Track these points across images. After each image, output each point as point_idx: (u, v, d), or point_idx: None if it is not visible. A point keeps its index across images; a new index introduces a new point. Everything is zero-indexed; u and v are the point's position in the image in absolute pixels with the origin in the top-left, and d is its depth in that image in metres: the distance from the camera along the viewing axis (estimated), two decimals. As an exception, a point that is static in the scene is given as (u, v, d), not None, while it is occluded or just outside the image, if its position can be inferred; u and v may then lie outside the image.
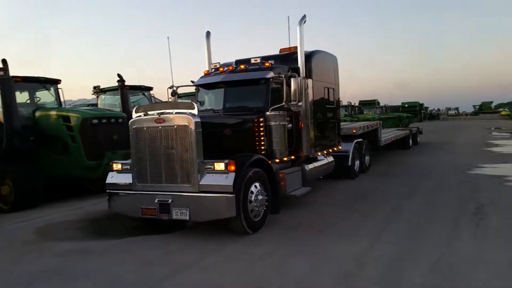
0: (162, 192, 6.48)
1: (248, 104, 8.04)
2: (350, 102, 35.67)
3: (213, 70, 8.71)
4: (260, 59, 8.17)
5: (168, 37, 8.47)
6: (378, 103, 46.45)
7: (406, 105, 55.53)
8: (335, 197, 9.43)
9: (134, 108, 6.90)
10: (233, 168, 6.16)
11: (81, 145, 10.58)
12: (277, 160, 7.94)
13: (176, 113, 6.43)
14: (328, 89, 9.91)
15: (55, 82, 12.38)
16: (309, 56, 8.98)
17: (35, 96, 12.28)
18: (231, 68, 8.46)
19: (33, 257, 5.94)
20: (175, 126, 6.35)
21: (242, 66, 8.36)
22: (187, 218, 6.27)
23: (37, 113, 11.42)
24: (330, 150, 10.08)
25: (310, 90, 8.80)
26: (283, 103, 7.81)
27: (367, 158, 13.31)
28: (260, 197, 6.67)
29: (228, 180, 6.10)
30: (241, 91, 8.28)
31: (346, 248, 5.73)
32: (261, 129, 7.61)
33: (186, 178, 6.32)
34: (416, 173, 12.51)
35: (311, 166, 9.20)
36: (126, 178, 6.87)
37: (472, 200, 8.43)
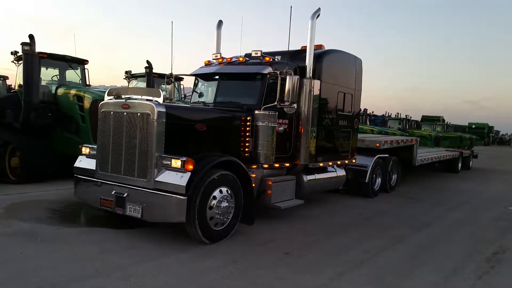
0: (119, 184, 5.98)
1: (240, 100, 7.29)
2: (406, 116, 33.50)
3: (214, 60, 8.08)
4: (261, 53, 7.38)
5: (172, 22, 7.95)
6: (443, 120, 43.21)
7: (473, 126, 51.09)
8: (334, 215, 8.38)
9: (107, 91, 6.47)
10: (190, 167, 5.48)
11: (89, 126, 10.49)
12: (266, 166, 7.14)
13: (141, 99, 5.88)
14: (344, 94, 8.85)
15: (82, 62, 12.49)
16: (320, 56, 8.03)
17: (64, 75, 12.50)
18: (229, 59, 7.77)
19: (-24, 233, 5.72)
20: (138, 114, 5.81)
21: (240, 59, 7.63)
22: (139, 216, 5.71)
23: (59, 91, 11.53)
24: (339, 162, 9.02)
25: (316, 92, 7.84)
26: (275, 103, 6.97)
27: (394, 176, 11.94)
28: (224, 204, 5.92)
29: (182, 180, 5.43)
30: (235, 85, 7.57)
31: (299, 280, 4.82)
32: (247, 129, 6.84)
33: (142, 172, 5.76)
34: (449, 201, 10.96)
35: (311, 177, 8.25)
36: (92, 164, 6.47)
37: (494, 242, 6.99)
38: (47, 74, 12.05)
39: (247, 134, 6.85)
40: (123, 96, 6.07)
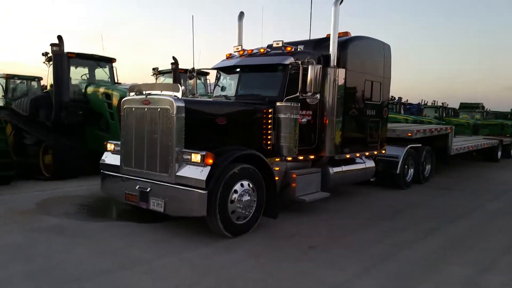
0: (143, 178, 6.03)
1: (262, 92, 7.17)
2: (443, 103, 32.20)
3: (235, 53, 7.98)
4: (283, 43, 7.22)
5: (192, 16, 7.94)
6: (483, 107, 41.26)
7: (517, 112, 48.38)
8: (363, 208, 8.13)
9: (129, 87, 6.53)
10: (210, 161, 5.43)
11: (118, 123, 10.68)
12: (289, 158, 7.01)
13: (160, 94, 5.88)
14: (372, 82, 8.52)
15: (109, 60, 12.72)
16: (345, 43, 7.77)
17: (93, 74, 12.80)
18: (250, 51, 7.64)
19: (9, 229, 5.92)
20: (159, 109, 5.81)
21: (262, 50, 7.50)
22: (162, 210, 5.74)
23: (88, 89, 11.81)
24: (367, 153, 8.73)
25: (341, 82, 7.60)
26: (297, 94, 6.80)
27: (427, 167, 11.48)
28: (246, 197, 5.84)
29: (202, 174, 5.40)
30: (256, 77, 7.45)
31: (323, 274, 4.68)
32: (269, 121, 6.72)
33: (164, 167, 5.77)
34: (487, 191, 10.43)
35: (337, 169, 8.03)
36: (116, 160, 6.56)
37: (535, 235, 6.57)
38: (77, 73, 12.38)
39: (269, 126, 6.73)
40: (144, 92, 6.11)
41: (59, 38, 10.79)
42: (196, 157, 5.49)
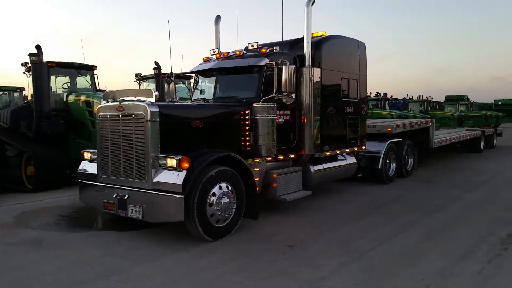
0: (120, 186, 6.01)
1: (239, 94, 7.20)
2: (428, 97, 32.53)
3: (212, 56, 8.00)
4: (257, 45, 7.25)
5: (168, 21, 7.94)
6: (468, 99, 41.82)
7: (500, 103, 49.06)
8: (345, 204, 8.19)
9: (103, 94, 6.51)
10: (186, 165, 5.44)
11: (99, 131, 10.61)
12: (269, 158, 7.05)
13: (134, 100, 5.88)
14: (349, 80, 8.60)
15: (90, 68, 12.63)
16: (319, 43, 7.83)
17: (75, 82, 12.71)
18: (226, 54, 7.67)
19: (-15, 243, 5.87)
20: (133, 115, 5.81)
21: (237, 52, 7.54)
22: (140, 217, 5.72)
23: (69, 98, 11.72)
24: (347, 150, 8.80)
25: (316, 80, 7.65)
26: (273, 94, 6.84)
27: (410, 161, 11.61)
28: (225, 200, 5.85)
29: (178, 178, 5.41)
30: (233, 79, 7.48)
31: (300, 273, 4.72)
32: (247, 122, 6.75)
33: (140, 173, 5.77)
34: (468, 182, 10.56)
35: (318, 167, 8.09)
36: (94, 168, 6.53)
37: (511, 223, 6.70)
38: (59, 82, 12.30)
39: (247, 128, 6.76)
40: (117, 99, 6.10)
41: (38, 47, 10.71)
42: (171, 162, 5.49)
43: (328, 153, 8.12)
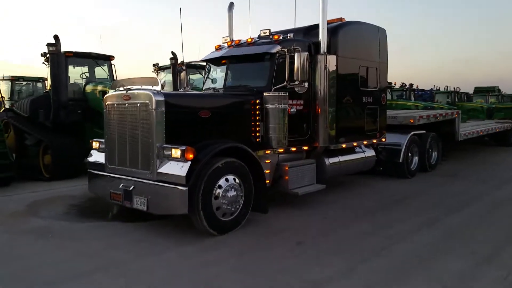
0: (127, 176, 5.89)
1: (250, 83, 6.93)
2: (456, 88, 31.29)
3: (224, 44, 7.75)
4: (270, 31, 6.94)
5: (180, 8, 7.73)
6: (499, 90, 40.01)
7: (535, 94, 46.72)
8: (361, 199, 7.84)
9: (112, 84, 6.38)
10: (191, 156, 5.24)
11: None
12: (281, 150, 6.77)
13: (140, 89, 5.71)
14: (367, 68, 8.19)
15: (108, 58, 12.63)
16: (335, 29, 7.45)
17: (93, 72, 12.74)
18: (237, 41, 7.40)
19: (-7, 231, 5.88)
20: (138, 104, 5.64)
21: (249, 40, 7.25)
22: (145, 209, 5.57)
23: (87, 88, 11.75)
24: (365, 142, 8.41)
25: (332, 69, 7.29)
26: (285, 83, 6.54)
27: (434, 154, 11.09)
28: (232, 193, 5.63)
29: (182, 170, 5.21)
30: (244, 67, 7.21)
31: (305, 273, 4.46)
32: (257, 112, 6.49)
33: (146, 164, 5.61)
34: (494, 177, 10.00)
35: (333, 160, 7.76)
36: (102, 158, 6.43)
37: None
38: (77, 72, 12.35)
39: (257, 118, 6.50)
40: (124, 88, 5.94)
41: (55, 37, 10.75)
42: (176, 152, 5.30)
43: (344, 145, 7.77)
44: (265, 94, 6.46)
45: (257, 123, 6.51)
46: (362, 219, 6.50)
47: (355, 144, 8.13)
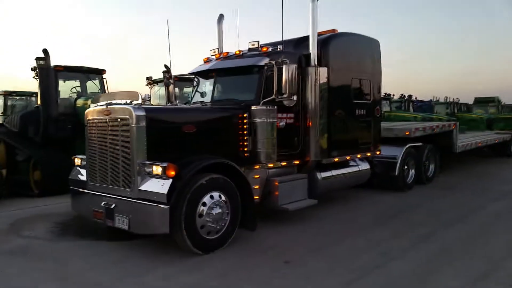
0: (108, 194, 5.67)
1: (238, 96, 6.76)
2: (455, 99, 31.17)
3: (212, 56, 7.60)
4: (258, 43, 6.80)
5: (167, 20, 7.60)
6: (499, 101, 39.89)
7: (534, 104, 46.63)
8: (355, 213, 7.59)
9: (93, 98, 6.21)
10: (172, 173, 5.03)
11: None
12: (270, 165, 6.56)
13: (121, 104, 5.52)
14: (360, 80, 8.02)
15: (99, 72, 12.52)
16: (326, 40, 7.30)
17: (85, 86, 12.61)
18: (225, 54, 7.25)
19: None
20: (118, 119, 5.46)
21: (237, 52, 7.10)
22: (126, 227, 5.35)
23: (78, 102, 11.59)
24: (359, 156, 8.20)
25: (323, 81, 7.12)
26: (273, 96, 6.36)
27: (431, 166, 10.85)
28: (217, 210, 5.41)
29: (164, 187, 5.00)
30: (232, 80, 7.05)
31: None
32: (245, 126, 6.30)
33: (127, 181, 5.40)
34: (492, 190, 9.74)
35: (326, 174, 7.54)
36: (84, 175, 6.23)
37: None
38: (68, 86, 12.21)
39: (245, 132, 6.30)
40: (104, 102, 5.77)
41: (45, 51, 10.62)
42: (157, 169, 5.10)
43: (336, 159, 7.56)
44: (253, 107, 6.28)
45: (245, 138, 6.31)
46: (355, 235, 6.25)
47: (348, 157, 7.92)
